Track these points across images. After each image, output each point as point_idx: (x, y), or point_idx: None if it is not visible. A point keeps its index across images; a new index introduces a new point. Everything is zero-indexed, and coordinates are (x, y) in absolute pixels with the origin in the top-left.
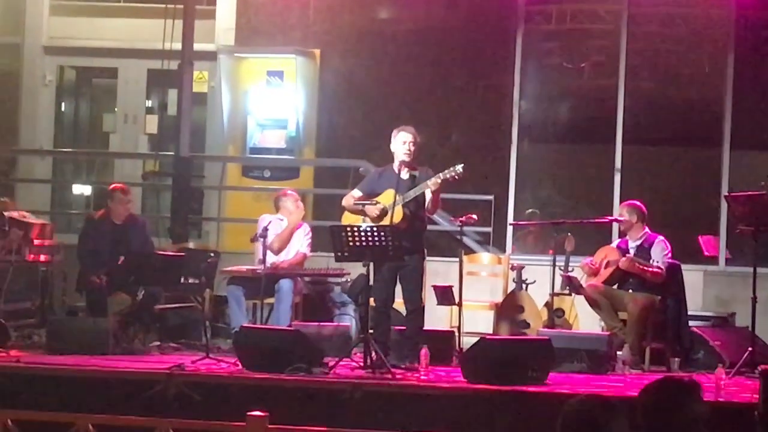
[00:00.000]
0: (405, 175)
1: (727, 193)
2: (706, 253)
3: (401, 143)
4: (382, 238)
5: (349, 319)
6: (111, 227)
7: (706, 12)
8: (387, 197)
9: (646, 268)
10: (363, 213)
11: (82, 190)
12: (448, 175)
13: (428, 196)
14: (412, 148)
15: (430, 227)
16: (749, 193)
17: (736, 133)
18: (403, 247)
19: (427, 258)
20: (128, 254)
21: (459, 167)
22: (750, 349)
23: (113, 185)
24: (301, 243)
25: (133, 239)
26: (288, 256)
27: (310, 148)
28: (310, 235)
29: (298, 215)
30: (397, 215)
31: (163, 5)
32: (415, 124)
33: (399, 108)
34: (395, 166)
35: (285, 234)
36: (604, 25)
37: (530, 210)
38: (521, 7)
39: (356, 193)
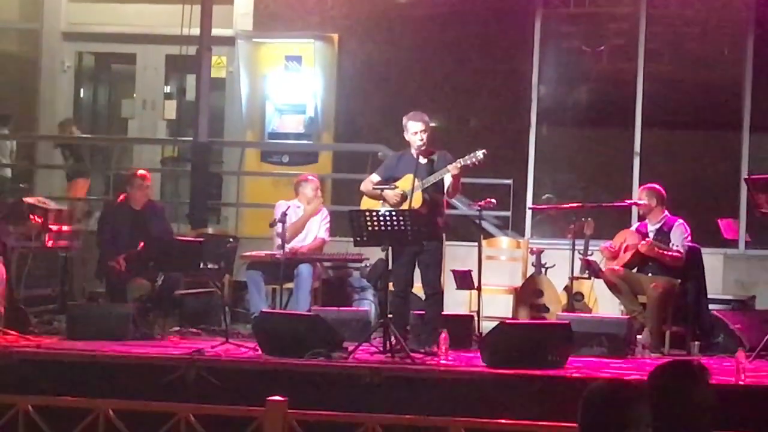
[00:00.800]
0: (423, 160)
1: (747, 176)
2: (725, 237)
3: (412, 134)
4: (401, 223)
5: (368, 304)
6: (130, 213)
7: None
8: (406, 182)
9: (665, 252)
10: (382, 198)
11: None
12: (468, 161)
13: (447, 180)
14: (424, 136)
15: (449, 211)
16: None
17: (756, 116)
18: (422, 231)
19: (446, 242)
20: (148, 240)
21: (480, 153)
22: None
23: (132, 171)
24: (319, 228)
25: (152, 225)
26: (306, 241)
27: (328, 133)
28: (328, 219)
29: (315, 205)
30: (417, 200)
31: None
32: (434, 108)
33: (417, 92)
34: (413, 151)
35: (299, 223)
36: (623, 8)
37: (546, 195)
38: None
39: (375, 177)
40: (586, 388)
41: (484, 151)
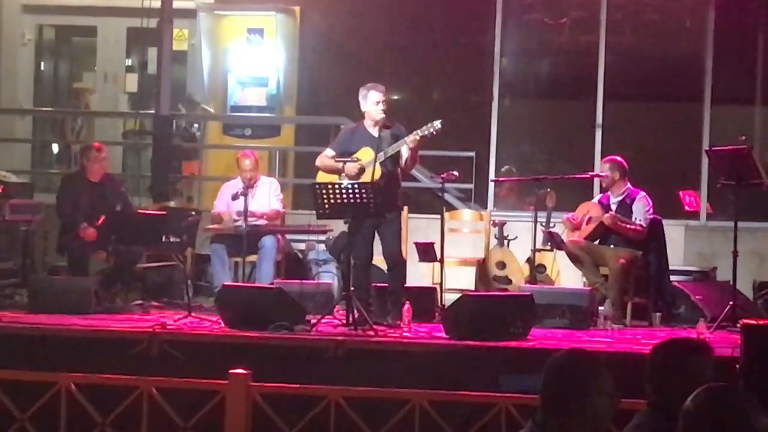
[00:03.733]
0: (383, 132)
1: (708, 148)
2: (687, 208)
3: (374, 103)
4: (363, 196)
5: (330, 277)
6: (88, 186)
7: None
8: (363, 155)
9: (628, 225)
10: (339, 171)
11: (62, 149)
12: (426, 132)
13: (405, 153)
14: (385, 106)
15: (411, 184)
16: (730, 147)
17: (717, 88)
18: (384, 204)
19: (409, 215)
20: (107, 213)
21: (437, 123)
22: (731, 303)
23: (88, 143)
24: (270, 199)
25: (111, 198)
26: (260, 208)
27: (290, 105)
28: (279, 189)
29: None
30: (376, 172)
31: None
32: (396, 81)
33: (379, 65)
34: (367, 124)
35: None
36: None
37: (506, 167)
38: None
39: (329, 152)
40: (548, 360)
41: (441, 120)
